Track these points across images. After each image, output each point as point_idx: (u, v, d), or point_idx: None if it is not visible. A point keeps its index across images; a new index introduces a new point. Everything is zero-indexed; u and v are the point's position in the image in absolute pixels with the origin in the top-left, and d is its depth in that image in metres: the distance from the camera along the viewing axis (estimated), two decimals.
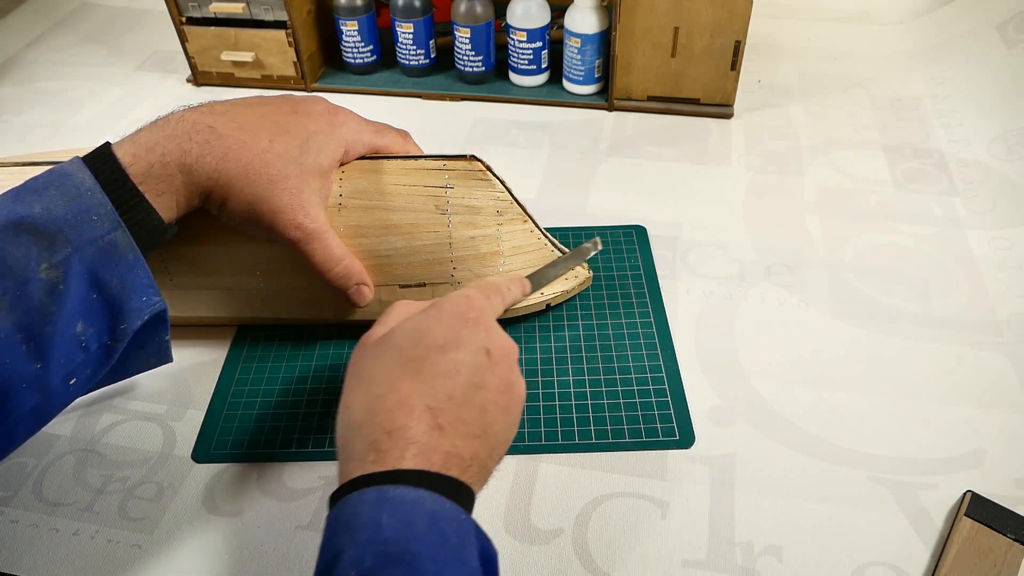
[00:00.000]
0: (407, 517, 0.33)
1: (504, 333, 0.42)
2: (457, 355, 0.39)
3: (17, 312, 0.38)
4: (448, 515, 0.34)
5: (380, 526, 0.33)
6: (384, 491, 0.34)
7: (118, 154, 0.43)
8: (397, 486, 0.34)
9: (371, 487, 0.34)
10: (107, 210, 0.41)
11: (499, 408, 0.39)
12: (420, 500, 0.34)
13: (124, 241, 0.41)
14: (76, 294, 0.40)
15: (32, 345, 0.38)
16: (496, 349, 0.41)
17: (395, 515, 0.33)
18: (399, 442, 0.36)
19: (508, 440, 0.41)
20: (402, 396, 0.37)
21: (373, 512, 0.33)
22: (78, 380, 0.41)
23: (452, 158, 0.53)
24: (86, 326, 0.40)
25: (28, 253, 0.39)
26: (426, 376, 0.38)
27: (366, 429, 0.37)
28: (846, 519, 0.46)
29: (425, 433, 0.36)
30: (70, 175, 0.41)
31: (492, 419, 0.39)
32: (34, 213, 0.39)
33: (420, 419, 0.37)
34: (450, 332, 0.40)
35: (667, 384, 0.53)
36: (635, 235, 0.65)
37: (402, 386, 0.38)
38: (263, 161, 0.46)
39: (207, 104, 0.47)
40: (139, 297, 0.42)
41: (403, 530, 0.33)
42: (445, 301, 0.42)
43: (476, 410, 0.38)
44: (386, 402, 0.37)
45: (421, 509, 0.34)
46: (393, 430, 0.36)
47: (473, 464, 0.37)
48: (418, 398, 0.37)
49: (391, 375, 0.39)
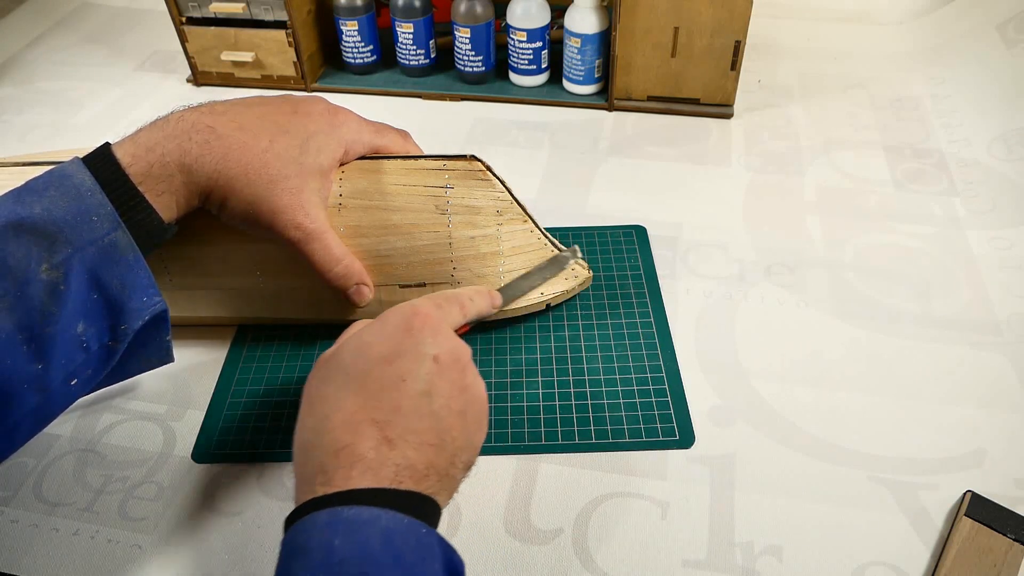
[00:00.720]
0: (361, 538, 0.33)
1: (453, 336, 0.42)
2: (401, 365, 0.38)
3: (18, 313, 0.38)
4: (405, 532, 0.34)
5: (332, 549, 0.32)
6: (337, 512, 0.34)
7: (118, 154, 0.43)
8: (351, 507, 0.34)
9: (324, 509, 0.34)
10: (107, 211, 0.41)
11: (454, 413, 0.39)
12: (374, 519, 0.33)
13: (124, 241, 0.41)
14: (77, 295, 0.40)
15: (33, 346, 0.38)
16: (444, 354, 0.40)
17: (348, 536, 0.33)
18: (345, 461, 0.36)
19: (473, 444, 0.40)
20: (347, 414, 0.37)
21: (325, 535, 0.33)
22: (79, 381, 0.41)
23: (452, 158, 0.53)
24: (87, 326, 0.40)
25: (29, 254, 0.39)
26: (370, 390, 0.38)
27: (314, 451, 0.37)
28: (846, 519, 0.46)
29: (373, 449, 0.36)
30: (70, 176, 0.41)
31: (447, 425, 0.38)
32: (34, 214, 0.39)
33: (366, 435, 0.36)
34: (392, 343, 0.39)
35: (667, 384, 0.53)
36: (635, 235, 0.65)
37: (346, 404, 0.37)
38: (263, 161, 0.46)
39: (207, 104, 0.47)
40: (139, 297, 0.42)
41: (357, 551, 0.32)
42: (390, 313, 0.41)
43: (428, 418, 0.38)
44: (331, 422, 0.37)
45: (375, 528, 0.33)
46: (339, 449, 0.36)
47: (430, 474, 0.37)
48: (363, 413, 0.37)
49: (336, 395, 0.38)
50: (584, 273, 0.58)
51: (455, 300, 0.45)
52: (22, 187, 0.41)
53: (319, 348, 0.56)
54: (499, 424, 0.51)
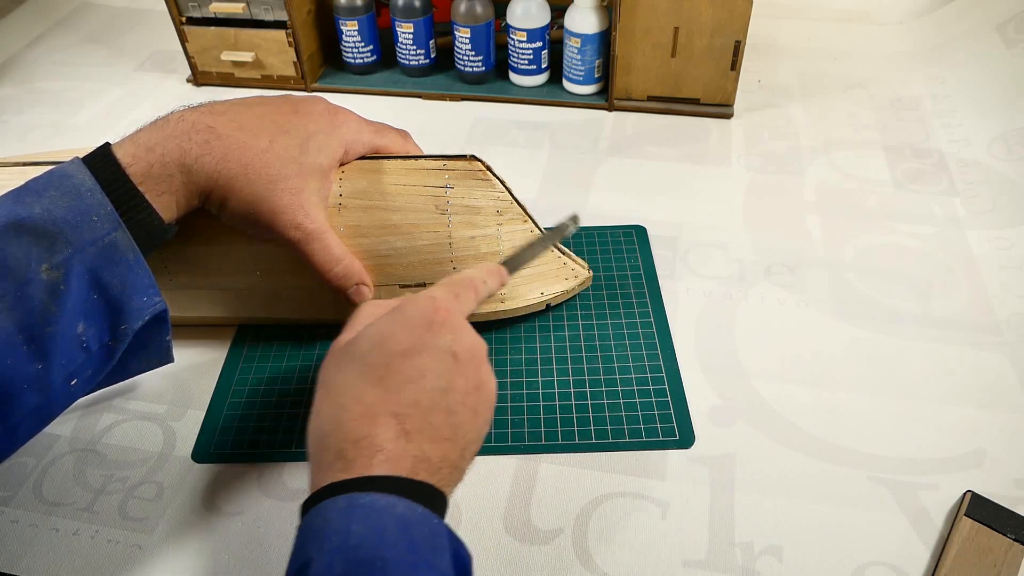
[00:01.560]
0: (377, 523, 0.33)
1: (472, 332, 0.41)
2: (421, 360, 0.38)
3: (18, 313, 0.38)
4: (419, 520, 0.34)
5: (350, 533, 0.33)
6: (354, 498, 0.34)
7: (118, 154, 0.43)
8: (368, 493, 0.34)
9: (342, 495, 0.34)
10: (107, 211, 0.41)
11: (468, 409, 0.39)
12: (391, 506, 0.34)
13: (124, 241, 0.41)
14: (77, 295, 0.40)
15: (33, 346, 0.38)
16: (463, 351, 0.40)
17: (365, 521, 0.33)
18: (365, 450, 0.36)
19: (480, 439, 0.40)
20: (366, 406, 0.37)
21: (343, 519, 0.33)
22: (79, 380, 0.41)
23: (452, 158, 0.53)
24: (87, 326, 0.40)
25: (29, 254, 0.39)
26: (391, 384, 0.38)
27: (332, 439, 0.37)
28: (846, 519, 0.46)
29: (392, 440, 0.36)
30: (70, 176, 0.41)
31: (461, 420, 0.39)
32: (34, 214, 0.39)
33: (386, 427, 0.37)
34: (413, 337, 0.39)
35: (667, 384, 0.53)
36: (635, 235, 0.65)
37: (366, 395, 0.38)
38: (263, 161, 0.46)
39: (207, 104, 0.47)
40: (140, 297, 0.42)
41: (373, 536, 0.32)
42: (408, 304, 0.41)
43: (444, 413, 0.38)
44: (351, 412, 0.37)
45: (391, 515, 0.34)
46: (359, 439, 0.36)
47: (444, 466, 0.37)
48: (383, 406, 0.37)
49: (355, 385, 0.38)
50: (584, 273, 0.58)
51: (469, 286, 0.44)
52: (22, 187, 0.41)
53: (319, 348, 0.56)
54: (499, 424, 0.51)
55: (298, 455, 0.50)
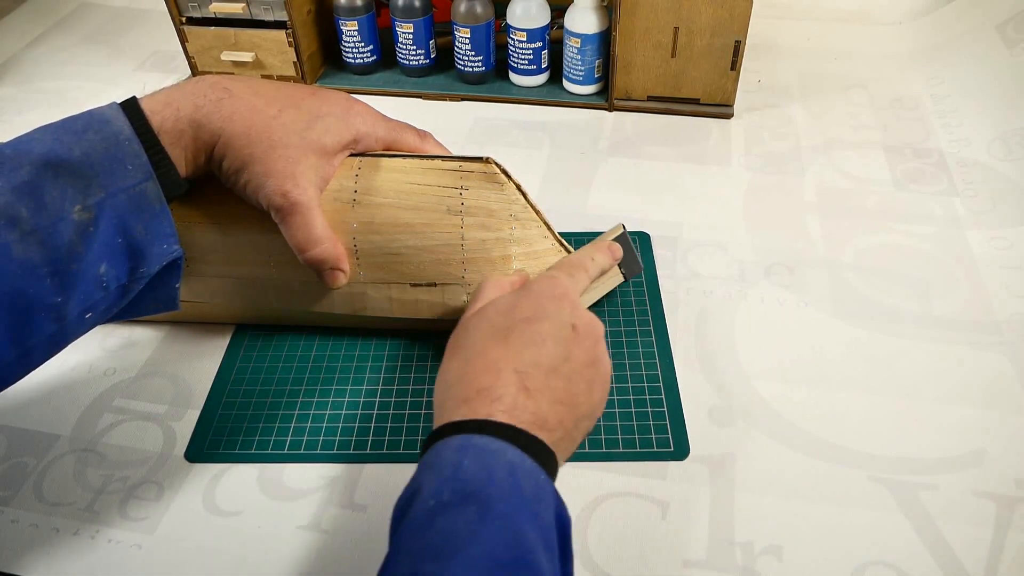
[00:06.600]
0: (487, 463, 0.35)
1: (590, 312, 0.45)
2: (542, 327, 0.42)
3: (48, 248, 0.40)
4: (528, 469, 0.36)
5: (461, 467, 0.35)
6: (469, 438, 0.36)
7: (143, 106, 0.44)
8: (482, 436, 0.37)
9: (458, 435, 0.37)
10: (142, 161, 0.43)
11: (584, 380, 0.41)
12: (502, 451, 0.36)
13: (153, 191, 0.43)
14: (104, 237, 0.41)
15: (57, 279, 0.40)
16: (582, 325, 0.43)
17: (476, 460, 0.35)
18: (486, 398, 0.38)
19: (593, 416, 0.42)
20: (491, 360, 0.40)
21: (456, 455, 0.36)
22: (94, 315, 0.43)
23: (468, 159, 0.52)
24: (108, 267, 0.42)
25: (64, 194, 0.40)
26: (513, 343, 0.41)
27: (457, 388, 0.40)
28: (846, 519, 0.46)
29: (512, 394, 0.39)
30: (109, 121, 0.43)
31: (577, 390, 0.41)
32: (74, 157, 0.41)
33: (508, 381, 0.39)
34: (537, 306, 0.43)
35: (664, 394, 0.52)
36: (636, 237, 0.65)
37: (491, 352, 0.41)
38: (267, 126, 0.47)
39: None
40: (160, 244, 0.44)
41: (482, 474, 0.35)
42: (533, 282, 0.46)
43: (562, 379, 0.40)
44: (475, 365, 0.40)
45: (502, 459, 0.36)
46: (482, 388, 0.39)
47: (558, 429, 0.39)
48: (506, 362, 0.40)
49: (482, 342, 0.42)
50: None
51: (580, 267, 0.50)
52: (60, 124, 0.43)
53: (318, 348, 0.56)
54: None
55: (298, 455, 0.50)
